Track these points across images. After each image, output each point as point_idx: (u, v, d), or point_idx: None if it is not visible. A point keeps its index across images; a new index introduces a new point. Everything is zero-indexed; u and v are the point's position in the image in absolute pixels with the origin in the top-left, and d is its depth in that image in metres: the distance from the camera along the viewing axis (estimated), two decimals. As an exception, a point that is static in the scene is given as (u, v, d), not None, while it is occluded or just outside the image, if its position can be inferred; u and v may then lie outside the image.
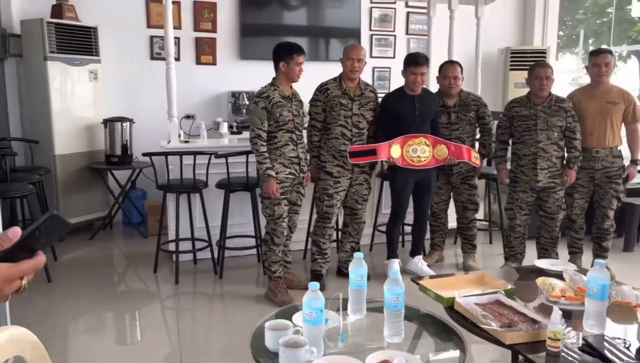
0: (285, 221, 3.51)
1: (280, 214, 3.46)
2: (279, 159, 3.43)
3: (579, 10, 11.49)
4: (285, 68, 3.43)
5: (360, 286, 1.76)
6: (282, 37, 5.82)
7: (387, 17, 6.07)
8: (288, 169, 3.46)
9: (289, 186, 3.49)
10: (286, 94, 3.46)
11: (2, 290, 0.73)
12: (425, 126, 3.73)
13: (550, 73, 3.72)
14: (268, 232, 3.53)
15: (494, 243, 4.82)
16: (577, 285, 1.76)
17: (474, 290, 1.86)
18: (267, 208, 3.48)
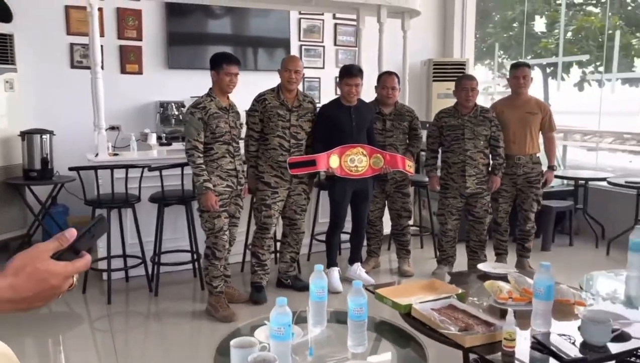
0: (227, 234, 3.46)
1: (220, 227, 3.41)
2: (215, 171, 3.38)
3: (489, 25, 12.25)
4: (215, 78, 3.40)
5: (321, 298, 1.77)
6: (210, 46, 5.75)
7: (315, 28, 6.16)
8: (225, 181, 3.41)
9: (227, 198, 3.44)
10: (223, 105, 3.42)
11: (60, 286, 0.80)
12: (362, 136, 3.82)
13: (475, 85, 3.95)
14: (209, 247, 3.46)
15: (424, 247, 5.00)
16: (522, 286, 1.88)
17: (427, 296, 1.93)
18: (207, 221, 3.41)
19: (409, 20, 5.00)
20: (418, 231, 5.07)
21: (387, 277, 4.33)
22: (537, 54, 11.63)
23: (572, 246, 5.09)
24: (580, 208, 5.21)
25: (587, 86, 12.22)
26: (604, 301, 2.11)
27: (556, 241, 5.13)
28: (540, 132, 4.12)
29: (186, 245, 4.10)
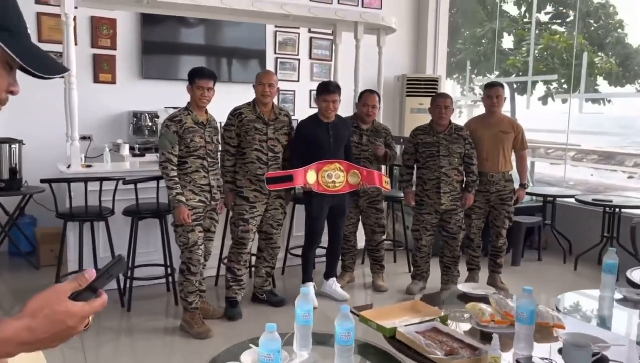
0: (201, 249, 3.43)
1: (194, 241, 3.37)
2: (188, 185, 3.36)
3: (459, 40, 12.53)
4: (190, 92, 3.40)
5: (307, 321, 1.77)
6: (183, 56, 5.71)
7: (291, 41, 6.18)
8: (198, 196, 3.39)
9: (201, 212, 3.42)
10: (199, 119, 3.41)
11: (76, 327, 0.81)
12: (339, 152, 3.84)
13: (449, 103, 4.02)
14: (184, 262, 3.42)
15: (398, 261, 5.04)
16: (503, 308, 1.92)
17: (411, 318, 1.95)
18: (181, 236, 3.38)
19: (384, 36, 5.08)
20: (392, 246, 5.11)
21: (361, 292, 4.36)
22: (505, 70, 11.94)
23: (540, 261, 5.21)
24: (549, 224, 5.35)
25: (550, 100, 12.63)
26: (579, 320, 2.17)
27: (525, 255, 5.25)
28: (512, 150, 4.22)
29: (160, 259, 4.03)
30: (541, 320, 1.87)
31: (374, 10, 6.26)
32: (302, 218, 4.43)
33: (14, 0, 0.83)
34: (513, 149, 4.21)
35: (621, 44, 12.77)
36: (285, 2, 4.41)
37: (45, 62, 0.83)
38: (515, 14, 13.26)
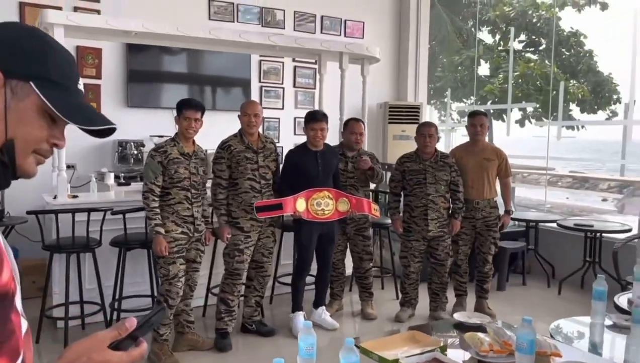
0: (182, 281, 3.40)
1: (175, 273, 3.35)
2: (171, 216, 3.36)
3: (438, 68, 12.81)
4: (177, 123, 3.43)
5: (310, 355, 1.77)
6: (170, 84, 5.73)
7: (275, 70, 6.25)
8: (180, 227, 3.38)
9: (184, 244, 3.40)
10: (186, 151, 3.41)
11: None
12: (328, 180, 3.87)
13: (433, 131, 4.10)
14: (162, 294, 3.38)
15: (386, 288, 5.05)
16: (502, 338, 1.95)
17: (411, 349, 1.96)
18: (162, 267, 3.37)
19: (368, 66, 5.18)
20: (379, 273, 5.13)
21: (350, 320, 4.35)
22: (482, 97, 12.23)
23: (525, 285, 5.28)
24: (532, 249, 5.44)
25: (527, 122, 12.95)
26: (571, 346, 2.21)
27: (510, 280, 5.31)
28: (497, 177, 4.31)
29: (147, 289, 3.99)
30: (539, 349, 1.90)
31: (357, 40, 6.38)
32: (290, 246, 4.44)
33: (63, 54, 0.83)
34: (497, 176, 4.30)
35: (592, 71, 13.21)
36: (272, 33, 4.49)
37: (86, 114, 0.83)
38: (490, 42, 13.65)
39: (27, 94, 0.78)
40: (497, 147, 4.37)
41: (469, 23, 12.65)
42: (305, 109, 6.19)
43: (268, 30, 5.86)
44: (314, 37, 6.04)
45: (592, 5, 13.30)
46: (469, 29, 12.68)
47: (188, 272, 3.51)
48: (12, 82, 0.78)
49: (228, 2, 5.88)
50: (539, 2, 13.24)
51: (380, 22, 6.89)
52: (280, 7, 6.16)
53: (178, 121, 3.41)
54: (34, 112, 0.79)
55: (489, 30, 13.63)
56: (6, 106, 0.77)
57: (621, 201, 11.39)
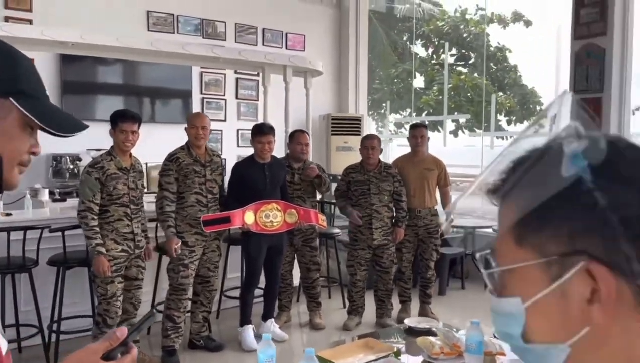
0: (120, 300, 3.31)
1: (113, 293, 3.27)
2: (110, 235, 3.26)
3: (376, 80, 13.11)
4: (113, 136, 3.32)
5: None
6: (106, 95, 5.57)
7: (217, 81, 6.22)
8: (120, 245, 3.29)
9: (123, 262, 3.32)
10: (123, 165, 3.32)
11: None
12: (275, 192, 3.90)
13: (376, 144, 4.22)
14: (100, 313, 3.29)
15: (332, 297, 5.11)
16: (451, 341, 2.04)
17: (367, 356, 2.02)
18: (99, 287, 3.27)
19: (311, 78, 5.26)
20: (326, 282, 5.18)
21: (299, 331, 4.37)
22: (418, 108, 12.63)
23: (464, 289, 5.50)
24: (470, 254, 5.67)
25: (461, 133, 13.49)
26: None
27: (450, 285, 5.51)
28: (437, 186, 4.48)
29: (88, 309, 3.84)
30: (486, 350, 2.00)
31: (299, 53, 6.46)
32: (237, 260, 4.41)
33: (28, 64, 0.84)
34: (437, 185, 4.47)
35: (517, 85, 13.97)
36: (214, 45, 4.47)
37: (63, 121, 0.86)
38: (424, 55, 14.13)
39: (8, 110, 0.79)
40: (436, 157, 4.54)
41: (404, 37, 13.06)
42: (249, 120, 6.20)
43: (210, 42, 5.82)
44: (257, 49, 6.05)
45: (516, 22, 14.08)
46: (404, 43, 13.09)
47: (130, 290, 3.42)
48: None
49: (167, 13, 5.80)
50: (469, 18, 13.88)
51: (321, 36, 7.01)
52: (221, 19, 6.14)
53: (113, 134, 3.29)
54: (17, 127, 0.80)
55: (422, 44, 14.12)
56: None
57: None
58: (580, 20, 4.58)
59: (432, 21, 13.42)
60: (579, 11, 4.59)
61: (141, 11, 5.67)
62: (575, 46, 4.62)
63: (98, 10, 5.25)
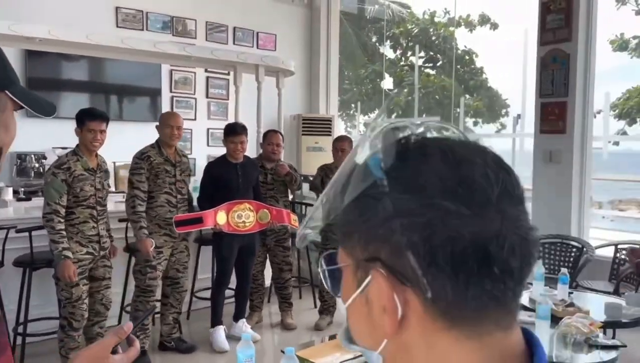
0: (86, 302, 3.23)
1: (79, 296, 3.18)
2: (75, 237, 3.17)
3: (345, 81, 13.18)
4: (79, 135, 3.21)
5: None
6: (71, 93, 5.44)
7: (187, 80, 6.15)
8: (85, 248, 3.21)
9: (88, 264, 3.23)
10: (90, 166, 3.22)
11: None
12: (248, 193, 3.89)
13: (346, 146, 4.25)
14: (65, 317, 3.20)
15: (303, 297, 5.12)
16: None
17: (344, 355, 2.04)
18: (63, 290, 3.18)
19: (283, 79, 5.26)
20: (297, 283, 5.18)
21: (270, 331, 4.37)
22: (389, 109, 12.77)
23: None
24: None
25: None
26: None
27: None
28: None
29: (55, 311, 3.73)
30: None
31: (271, 52, 6.44)
32: (208, 260, 4.38)
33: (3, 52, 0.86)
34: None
35: (484, 87, 14.26)
36: (186, 44, 4.43)
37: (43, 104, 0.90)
38: (392, 56, 14.29)
39: (5, 103, 0.82)
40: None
41: (373, 38, 13.17)
42: (219, 120, 6.16)
43: (180, 40, 5.75)
44: (228, 48, 6.01)
45: (483, 25, 14.36)
46: (374, 44, 13.19)
47: (99, 291, 3.34)
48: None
49: (137, 9, 5.70)
50: (437, 21, 14.08)
51: (292, 35, 7.01)
52: (192, 17, 6.08)
53: (80, 133, 3.19)
54: (13, 117, 0.84)
55: (391, 46, 14.26)
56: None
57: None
58: (547, 27, 4.71)
59: (401, 23, 13.58)
60: (545, 17, 4.72)
61: (109, 7, 5.56)
62: (542, 51, 4.75)
63: (64, 7, 5.12)
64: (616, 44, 10.84)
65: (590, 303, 3.05)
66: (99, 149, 3.29)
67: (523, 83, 5.87)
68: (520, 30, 5.76)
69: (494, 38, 15.01)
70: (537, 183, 4.88)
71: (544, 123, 4.77)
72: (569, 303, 2.76)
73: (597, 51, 4.67)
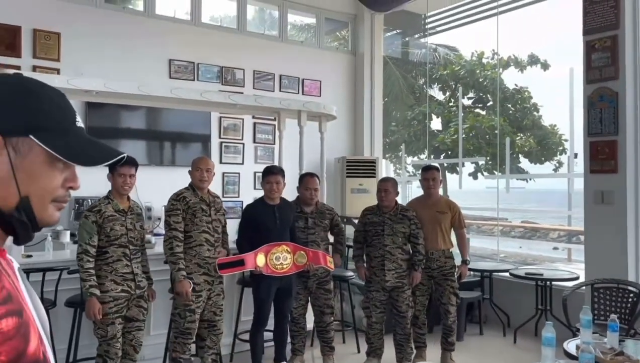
0: (120, 342, 3.31)
1: (114, 334, 3.27)
2: (109, 275, 3.29)
3: (392, 123, 13.26)
4: (111, 180, 3.39)
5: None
6: (130, 140, 5.75)
7: (235, 126, 6.38)
8: (120, 286, 3.31)
9: (124, 303, 3.33)
10: (120, 207, 3.38)
11: None
12: (285, 234, 3.94)
13: (389, 186, 4.25)
14: (100, 355, 3.29)
15: (347, 342, 5.05)
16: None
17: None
18: (99, 328, 3.28)
19: (325, 123, 5.36)
20: (340, 326, 5.13)
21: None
22: (435, 148, 12.70)
23: (482, 335, 5.38)
24: (487, 298, 5.58)
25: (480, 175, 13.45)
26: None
27: (468, 330, 5.41)
28: (451, 228, 4.46)
29: (103, 351, 3.86)
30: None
31: (315, 98, 6.61)
32: (250, 302, 4.41)
33: (53, 96, 0.83)
34: (452, 227, 4.45)
35: (537, 125, 13.95)
36: (232, 92, 4.62)
37: (93, 151, 0.84)
38: (441, 98, 14.29)
39: (29, 148, 0.78)
40: (450, 199, 4.55)
41: (420, 80, 13.25)
42: (266, 163, 6.30)
43: (228, 89, 6.01)
44: (273, 95, 6.23)
45: (533, 65, 14.19)
46: (421, 86, 13.26)
47: (131, 332, 3.39)
48: (12, 140, 0.77)
49: (188, 61, 6.03)
50: (485, 62, 14.03)
51: (336, 80, 7.18)
52: (240, 66, 6.35)
53: (112, 178, 3.37)
54: (42, 164, 0.79)
55: (439, 88, 14.29)
56: (13, 166, 0.76)
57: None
58: (592, 65, 4.63)
59: (448, 65, 13.61)
60: (591, 55, 4.64)
61: (163, 60, 5.90)
62: (588, 90, 4.66)
63: (123, 61, 5.48)
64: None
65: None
66: (129, 193, 3.44)
67: (570, 122, 5.73)
68: (568, 69, 5.66)
69: (545, 77, 14.75)
70: (590, 224, 4.70)
71: (594, 162, 4.62)
72: (619, 351, 2.61)
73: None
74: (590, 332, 2.81)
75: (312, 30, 7.78)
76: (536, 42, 32.70)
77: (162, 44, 5.86)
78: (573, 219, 10.24)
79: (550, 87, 15.74)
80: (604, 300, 4.26)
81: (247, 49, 6.42)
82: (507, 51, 14.13)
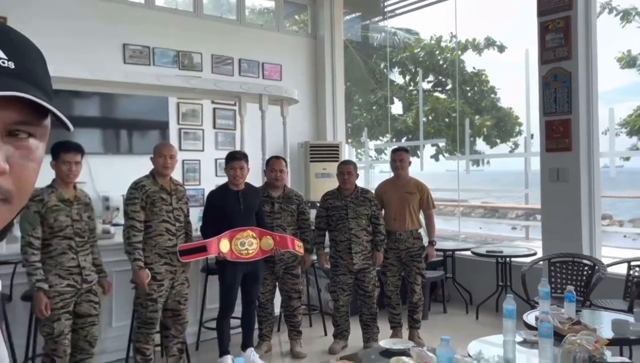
0: (68, 338, 3.14)
1: (61, 331, 3.10)
2: (53, 270, 3.10)
3: (354, 107, 13.29)
4: (54, 168, 3.16)
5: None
6: (83, 129, 5.54)
7: (194, 112, 6.26)
8: (66, 280, 3.12)
9: (70, 298, 3.15)
10: (65, 197, 3.16)
11: None
12: (250, 219, 3.90)
13: (351, 169, 4.28)
14: (47, 353, 3.13)
15: (314, 325, 5.07)
16: (424, 360, 2.05)
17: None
18: (45, 325, 3.10)
19: (287, 107, 5.32)
20: (306, 310, 5.14)
21: (279, 360, 4.32)
22: (397, 131, 12.83)
23: (446, 312, 5.50)
24: (450, 277, 5.69)
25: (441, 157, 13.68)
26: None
27: (432, 309, 5.51)
28: (420, 209, 4.50)
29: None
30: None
31: (276, 82, 6.54)
32: (216, 289, 4.37)
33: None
34: (420, 208, 4.49)
35: (495, 107, 14.25)
36: (190, 77, 4.52)
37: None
38: (402, 82, 14.40)
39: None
40: (419, 181, 4.57)
41: (381, 65, 13.30)
42: (227, 150, 6.21)
43: (186, 73, 5.88)
44: (232, 79, 6.13)
45: (490, 48, 14.44)
46: (382, 70, 13.32)
47: (84, 328, 3.24)
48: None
49: (143, 45, 5.86)
50: (443, 45, 14.20)
51: (297, 64, 7.12)
52: (198, 50, 6.22)
53: (55, 166, 3.14)
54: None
55: (399, 72, 14.39)
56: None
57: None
58: (547, 46, 4.73)
59: (408, 49, 13.71)
60: (545, 36, 4.74)
61: (117, 44, 5.72)
62: (543, 70, 4.76)
63: (74, 45, 5.28)
64: (623, 61, 10.80)
65: (600, 321, 2.98)
66: (74, 181, 3.22)
67: (526, 103, 5.86)
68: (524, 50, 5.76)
69: (501, 60, 15.05)
70: (546, 201, 4.83)
71: (549, 141, 4.74)
72: (576, 321, 2.70)
73: (604, 68, 4.69)
74: (549, 303, 2.90)
75: (270, 13, 7.68)
76: (493, 25, 33.28)
77: (115, 28, 5.67)
78: (530, 198, 10.54)
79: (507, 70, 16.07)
80: (561, 274, 4.40)
81: (205, 33, 6.28)
82: (465, 35, 14.31)
